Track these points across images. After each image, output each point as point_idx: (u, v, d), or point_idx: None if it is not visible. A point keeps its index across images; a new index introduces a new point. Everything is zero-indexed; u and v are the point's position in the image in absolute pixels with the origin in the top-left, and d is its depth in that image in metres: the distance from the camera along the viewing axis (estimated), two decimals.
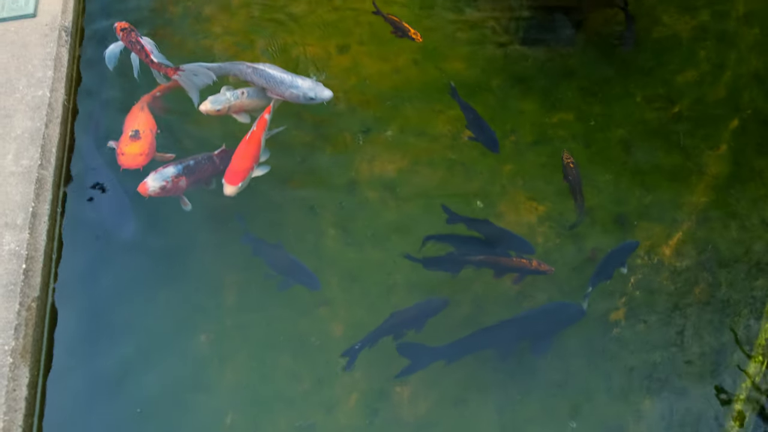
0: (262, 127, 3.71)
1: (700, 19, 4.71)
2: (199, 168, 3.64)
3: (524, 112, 4.20)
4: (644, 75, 4.37)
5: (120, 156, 3.62)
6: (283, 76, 3.80)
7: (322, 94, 3.78)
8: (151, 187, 3.48)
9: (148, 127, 3.71)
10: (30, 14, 4.23)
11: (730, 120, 4.18)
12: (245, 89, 3.88)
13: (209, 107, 3.77)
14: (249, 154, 3.61)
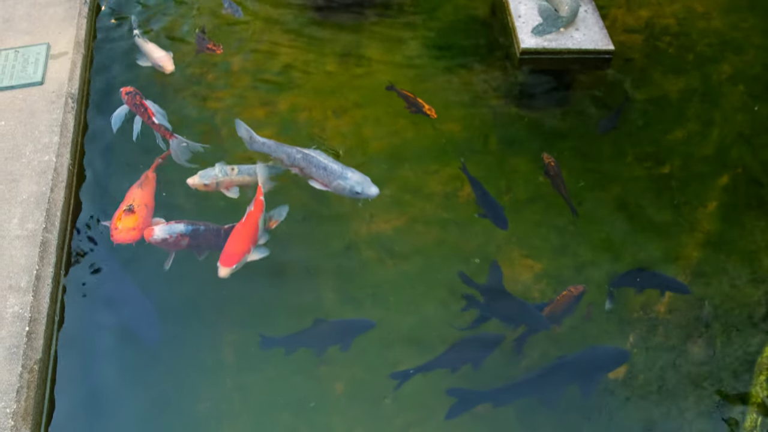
0: (259, 209, 3.70)
1: (688, 79, 4.88)
2: (205, 236, 3.70)
3: (518, 171, 4.30)
4: (634, 134, 4.50)
5: (113, 230, 3.64)
6: (333, 166, 3.76)
7: (369, 190, 3.72)
8: (156, 236, 3.59)
9: (143, 202, 3.74)
10: (38, 82, 4.38)
11: (719, 177, 4.28)
12: (236, 166, 3.92)
13: (197, 181, 3.86)
14: (245, 237, 3.59)
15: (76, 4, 5.03)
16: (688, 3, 5.50)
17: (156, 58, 4.71)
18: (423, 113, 4.32)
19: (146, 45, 4.85)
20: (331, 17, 5.35)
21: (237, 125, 4.06)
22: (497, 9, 5.37)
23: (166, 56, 4.73)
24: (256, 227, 3.65)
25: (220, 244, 3.66)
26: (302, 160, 3.83)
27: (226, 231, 3.70)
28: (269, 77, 4.81)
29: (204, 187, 3.87)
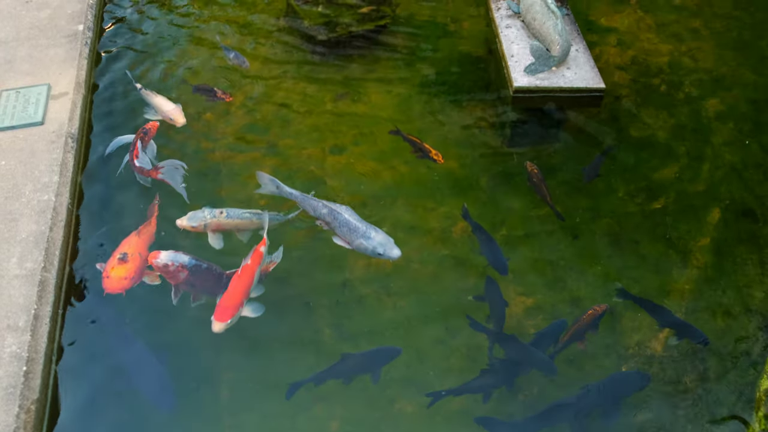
0: (256, 261, 3.65)
1: (679, 116, 4.96)
2: (205, 275, 3.69)
3: (513, 207, 4.35)
4: (626, 171, 4.56)
5: (104, 279, 3.60)
6: (358, 225, 3.74)
7: (392, 252, 3.67)
8: (160, 259, 3.61)
9: (137, 251, 3.72)
10: (38, 122, 4.45)
11: (711, 212, 4.33)
12: (225, 209, 3.94)
13: (185, 223, 3.89)
14: (239, 290, 3.55)
15: (77, 45, 5.13)
16: (676, 42, 5.62)
17: (166, 111, 4.66)
18: (429, 158, 4.36)
19: (154, 98, 4.80)
20: (328, 57, 5.45)
21: (259, 177, 4.06)
22: (492, 49, 5.49)
23: (176, 109, 4.69)
24: (252, 280, 3.60)
25: (217, 289, 3.65)
26: (328, 214, 3.81)
27: (227, 276, 3.70)
28: (267, 116, 4.89)
29: (192, 229, 3.89)
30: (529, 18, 5.28)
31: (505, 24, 5.45)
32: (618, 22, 5.86)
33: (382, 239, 3.69)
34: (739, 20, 5.94)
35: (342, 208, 3.81)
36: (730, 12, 6.04)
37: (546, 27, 5.07)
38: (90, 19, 5.49)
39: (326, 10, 5.90)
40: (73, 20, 5.41)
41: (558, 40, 4.96)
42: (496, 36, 5.41)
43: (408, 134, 4.54)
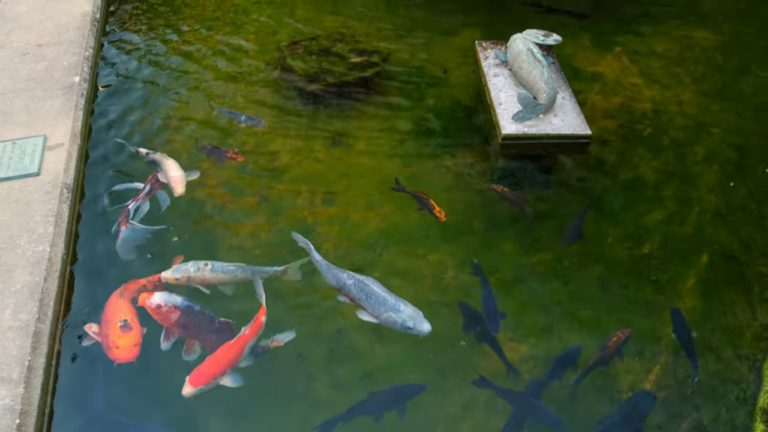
0: (253, 333, 3.62)
1: (665, 161, 5.07)
2: (196, 319, 3.72)
3: (505, 253, 4.41)
4: (614, 215, 4.64)
5: (114, 349, 3.56)
6: (386, 297, 3.67)
7: (422, 326, 3.59)
8: (152, 300, 3.67)
9: (133, 316, 3.71)
10: (34, 173, 4.50)
11: (699, 255, 4.40)
12: (211, 262, 3.96)
13: (169, 275, 3.93)
14: (225, 358, 3.50)
15: (72, 97, 5.21)
16: (660, 88, 5.77)
17: (170, 177, 4.64)
18: (433, 215, 4.41)
19: (165, 161, 4.76)
20: (319, 106, 5.55)
21: (294, 236, 4.14)
22: (481, 97, 5.61)
23: (180, 178, 4.63)
24: (242, 351, 3.57)
25: (209, 336, 3.66)
26: (353, 286, 3.76)
27: (220, 323, 3.72)
28: (259, 164, 4.95)
29: (175, 282, 3.92)
30: (516, 67, 5.42)
31: (493, 73, 5.59)
32: (603, 69, 6.01)
33: (411, 312, 3.63)
34: (719, 67, 6.11)
35: (369, 280, 3.77)
36: (711, 58, 6.22)
37: (532, 76, 5.20)
38: (86, 70, 5.59)
39: (317, 60, 6.03)
40: (70, 72, 5.51)
41: (544, 89, 5.09)
42: (485, 84, 5.54)
43: (413, 190, 4.60)
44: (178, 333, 3.71)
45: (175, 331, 3.70)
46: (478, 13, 6.99)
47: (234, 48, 6.32)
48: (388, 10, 6.96)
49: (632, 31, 6.63)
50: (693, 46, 6.41)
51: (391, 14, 6.88)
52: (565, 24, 6.74)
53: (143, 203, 4.50)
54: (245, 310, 3.84)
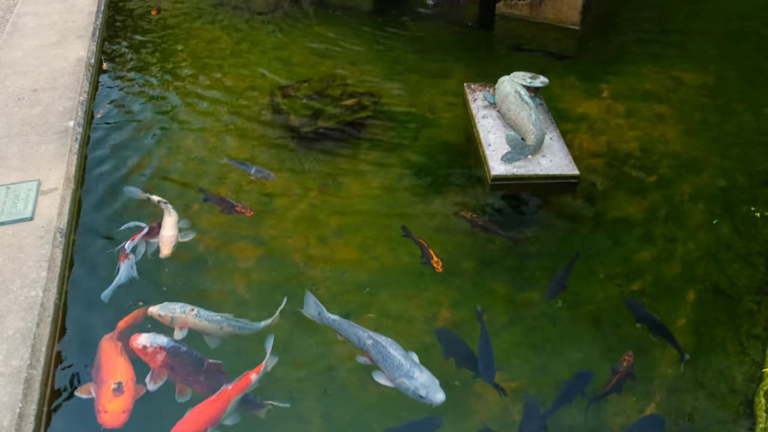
0: (240, 389, 3.53)
1: (652, 200, 5.14)
2: (183, 360, 3.71)
3: (496, 293, 4.44)
4: (604, 254, 4.69)
5: (102, 413, 3.50)
6: (402, 361, 3.59)
7: (435, 396, 3.50)
8: (139, 341, 3.70)
9: (127, 374, 3.66)
10: (28, 218, 4.52)
11: (688, 293, 4.44)
12: (198, 309, 3.96)
13: (155, 311, 3.96)
14: (206, 416, 3.41)
15: (67, 141, 5.27)
16: (646, 128, 5.88)
17: (161, 234, 4.59)
18: (430, 264, 4.45)
19: (166, 215, 4.71)
20: (312, 148, 5.62)
21: (306, 297, 4.09)
22: (470, 138, 5.70)
23: (169, 239, 4.56)
24: (225, 407, 3.48)
25: (197, 377, 3.64)
26: (371, 346, 3.72)
27: (208, 365, 3.72)
28: (252, 206, 4.98)
29: (159, 318, 3.94)
30: (504, 108, 5.52)
31: (482, 114, 5.69)
32: (589, 109, 6.13)
33: (425, 380, 3.54)
34: (703, 106, 6.24)
35: (387, 342, 3.72)
36: (694, 98, 6.36)
37: (520, 117, 5.30)
38: (80, 115, 5.65)
39: (310, 103, 6.13)
40: (64, 117, 5.57)
41: (532, 130, 5.18)
42: (474, 126, 5.63)
43: (418, 237, 4.64)
44: (165, 374, 3.71)
45: (163, 373, 3.70)
46: (466, 55, 7.15)
47: (227, 91, 6.41)
48: (379, 54, 7.11)
49: (617, 72, 6.78)
50: (677, 86, 6.56)
51: (382, 58, 7.03)
52: (551, 66, 6.89)
53: (140, 243, 4.54)
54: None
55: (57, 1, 7.77)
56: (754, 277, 4.53)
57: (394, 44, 7.37)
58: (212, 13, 8.08)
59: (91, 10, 7.50)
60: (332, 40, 7.42)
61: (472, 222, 4.84)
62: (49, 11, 7.50)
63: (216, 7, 8.25)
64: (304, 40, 7.44)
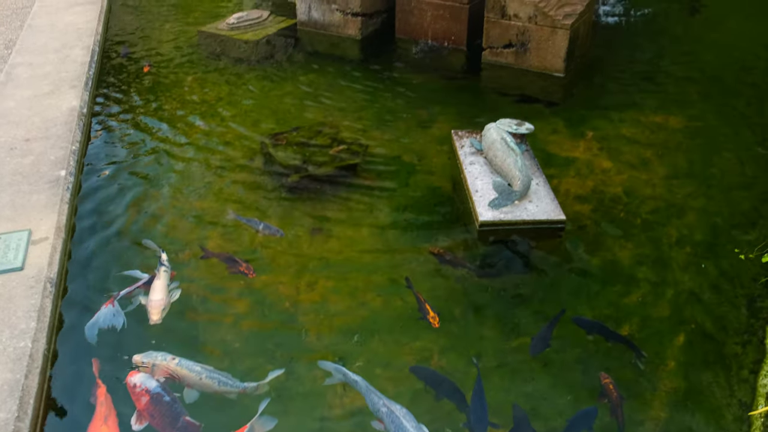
0: None
1: (638, 243, 5.20)
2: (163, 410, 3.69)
3: (486, 338, 4.45)
4: (592, 298, 4.73)
5: None
6: (408, 428, 3.60)
7: None
8: (131, 379, 3.71)
9: None
10: (18, 268, 4.53)
11: (676, 336, 4.47)
12: (179, 358, 3.95)
13: (138, 358, 3.98)
14: None
15: (58, 191, 5.31)
16: (631, 173, 5.98)
17: (149, 299, 4.47)
18: (426, 319, 4.47)
19: (158, 280, 4.61)
20: (301, 196, 5.68)
21: (322, 364, 4.09)
22: (458, 184, 5.78)
23: (158, 303, 4.42)
24: None
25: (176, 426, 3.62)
26: (385, 414, 3.72)
27: (185, 422, 3.68)
28: (242, 255, 5.02)
29: (141, 365, 3.95)
30: (490, 155, 5.61)
31: (469, 161, 5.78)
32: (575, 154, 6.24)
33: None
34: (687, 150, 6.36)
35: (401, 411, 3.71)
36: (678, 142, 6.48)
37: (507, 163, 5.39)
38: (72, 164, 5.71)
39: (299, 151, 6.21)
40: (56, 166, 5.63)
41: (519, 176, 5.26)
42: (462, 172, 5.71)
43: (418, 291, 4.66)
44: (146, 420, 3.70)
45: (144, 417, 3.70)
46: (453, 103, 7.29)
47: (218, 139, 6.50)
48: (368, 102, 7.24)
49: (602, 117, 6.93)
50: (660, 130, 6.70)
51: (371, 105, 7.16)
52: (537, 112, 7.04)
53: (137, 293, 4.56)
54: None
55: (51, 52, 7.90)
56: (741, 320, 4.57)
57: (382, 92, 7.52)
58: (203, 63, 8.24)
59: (84, 61, 7.64)
60: (322, 88, 7.57)
61: (440, 258, 4.95)
62: (43, 61, 7.63)
63: (207, 58, 8.41)
64: (294, 89, 7.58)
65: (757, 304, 4.66)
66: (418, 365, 4.19)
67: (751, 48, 8.78)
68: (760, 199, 5.63)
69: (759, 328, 4.48)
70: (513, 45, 7.83)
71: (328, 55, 8.54)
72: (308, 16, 9.02)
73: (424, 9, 8.47)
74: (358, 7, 8.59)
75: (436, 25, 8.51)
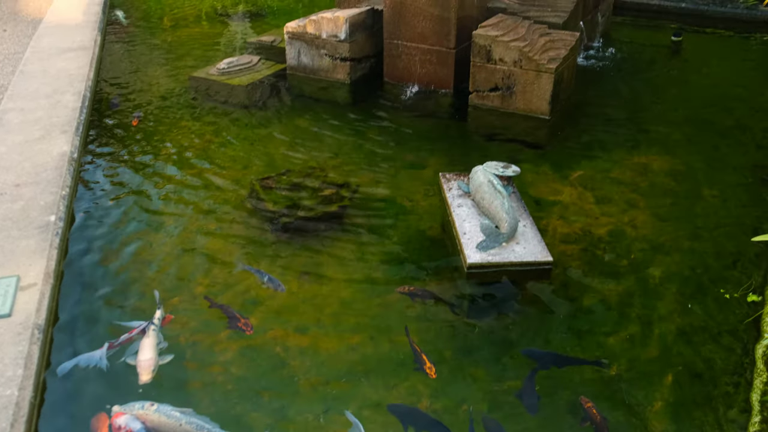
0: None
1: (626, 283, 5.24)
2: None
3: (475, 380, 4.45)
4: (581, 338, 4.75)
5: None
6: None
7: None
8: (116, 420, 3.71)
9: None
10: (5, 314, 4.51)
11: (665, 376, 4.48)
12: (157, 404, 3.91)
13: (116, 407, 3.93)
14: None
15: (48, 236, 5.32)
16: (617, 214, 6.06)
17: (138, 359, 4.37)
18: (422, 370, 4.46)
19: (146, 338, 4.51)
20: (291, 238, 5.72)
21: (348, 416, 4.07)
22: (446, 226, 5.84)
23: (148, 363, 4.33)
24: None
25: None
26: None
27: None
28: (231, 299, 5.03)
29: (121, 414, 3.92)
30: (478, 197, 5.68)
31: (457, 203, 5.85)
32: (561, 196, 6.32)
33: None
34: (671, 191, 6.46)
35: None
36: (663, 183, 6.59)
37: (494, 206, 5.45)
38: (62, 209, 5.73)
39: (289, 194, 6.27)
40: (46, 211, 5.64)
41: (506, 218, 5.32)
42: (450, 214, 5.78)
43: (413, 341, 4.66)
44: None
45: None
46: (441, 145, 7.40)
47: (208, 183, 6.55)
48: (357, 145, 7.34)
49: (587, 158, 7.04)
50: (645, 171, 6.80)
51: (360, 148, 7.25)
52: (523, 154, 7.14)
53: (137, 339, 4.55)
54: None
55: (42, 97, 7.99)
56: (729, 360, 4.59)
57: (371, 135, 7.62)
58: (194, 108, 8.34)
59: (75, 106, 7.72)
60: (311, 131, 7.67)
61: (411, 294, 5.01)
62: (35, 107, 7.70)
63: (197, 101, 8.51)
64: (284, 132, 7.67)
65: (744, 344, 4.70)
66: (395, 404, 4.17)
67: (731, 89, 9.00)
68: (744, 239, 5.70)
69: (747, 368, 4.51)
70: (499, 88, 7.98)
71: (318, 99, 8.68)
72: (298, 60, 9.17)
73: (411, 54, 8.64)
74: (347, 52, 8.75)
75: (424, 70, 8.67)
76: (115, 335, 4.61)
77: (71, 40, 10.24)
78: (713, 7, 12.01)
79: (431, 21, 8.32)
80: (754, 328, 4.79)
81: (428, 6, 8.26)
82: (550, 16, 8.64)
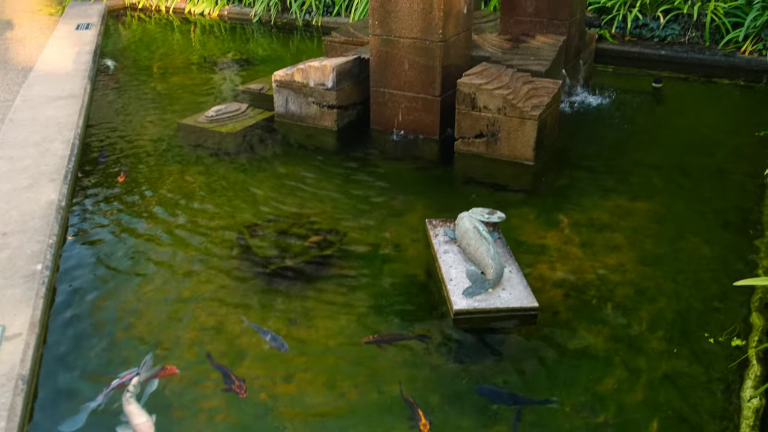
0: None
1: (612, 328, 5.27)
2: None
3: (463, 428, 4.43)
4: (568, 385, 4.75)
5: None
6: None
7: None
8: None
9: None
10: None
11: (652, 422, 4.48)
12: None
13: None
14: None
15: (34, 285, 5.31)
16: (603, 258, 6.12)
17: (135, 424, 4.30)
18: (417, 427, 4.41)
19: (128, 406, 4.43)
20: (278, 286, 5.73)
21: None
22: (432, 273, 5.87)
23: (147, 424, 4.30)
24: None
25: None
26: None
27: None
28: (218, 347, 5.01)
29: None
30: (464, 244, 5.74)
31: (443, 249, 5.90)
32: (547, 241, 6.39)
33: None
34: (654, 235, 6.54)
35: None
36: (646, 227, 6.67)
37: (480, 252, 5.51)
38: (48, 258, 5.73)
39: (276, 241, 6.30)
40: (32, 260, 5.64)
41: (491, 264, 5.37)
42: (436, 261, 5.82)
43: (408, 396, 4.63)
44: None
45: None
46: (427, 192, 7.48)
47: (195, 231, 6.57)
48: (344, 192, 7.41)
49: (572, 204, 7.13)
50: (628, 216, 6.90)
51: (347, 195, 7.32)
52: (509, 199, 7.23)
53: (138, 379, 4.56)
54: None
55: (31, 146, 8.04)
56: (716, 404, 4.61)
57: (358, 181, 7.70)
58: (182, 155, 8.41)
59: (64, 154, 7.77)
60: (298, 178, 7.74)
61: (377, 341, 5.03)
62: (23, 155, 7.75)
63: (184, 148, 8.59)
64: (271, 180, 7.74)
65: (730, 388, 4.72)
66: None
67: (713, 134, 9.18)
68: (728, 282, 5.77)
69: (734, 412, 4.52)
70: (484, 135, 8.11)
71: (305, 146, 8.78)
72: (285, 108, 9.30)
73: (397, 101, 8.79)
74: (334, 100, 8.89)
75: (409, 117, 8.81)
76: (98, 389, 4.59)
77: (61, 88, 10.35)
78: (692, 54, 12.32)
79: (417, 70, 8.50)
80: (738, 373, 4.82)
81: (414, 55, 8.44)
82: (533, 65, 8.84)
